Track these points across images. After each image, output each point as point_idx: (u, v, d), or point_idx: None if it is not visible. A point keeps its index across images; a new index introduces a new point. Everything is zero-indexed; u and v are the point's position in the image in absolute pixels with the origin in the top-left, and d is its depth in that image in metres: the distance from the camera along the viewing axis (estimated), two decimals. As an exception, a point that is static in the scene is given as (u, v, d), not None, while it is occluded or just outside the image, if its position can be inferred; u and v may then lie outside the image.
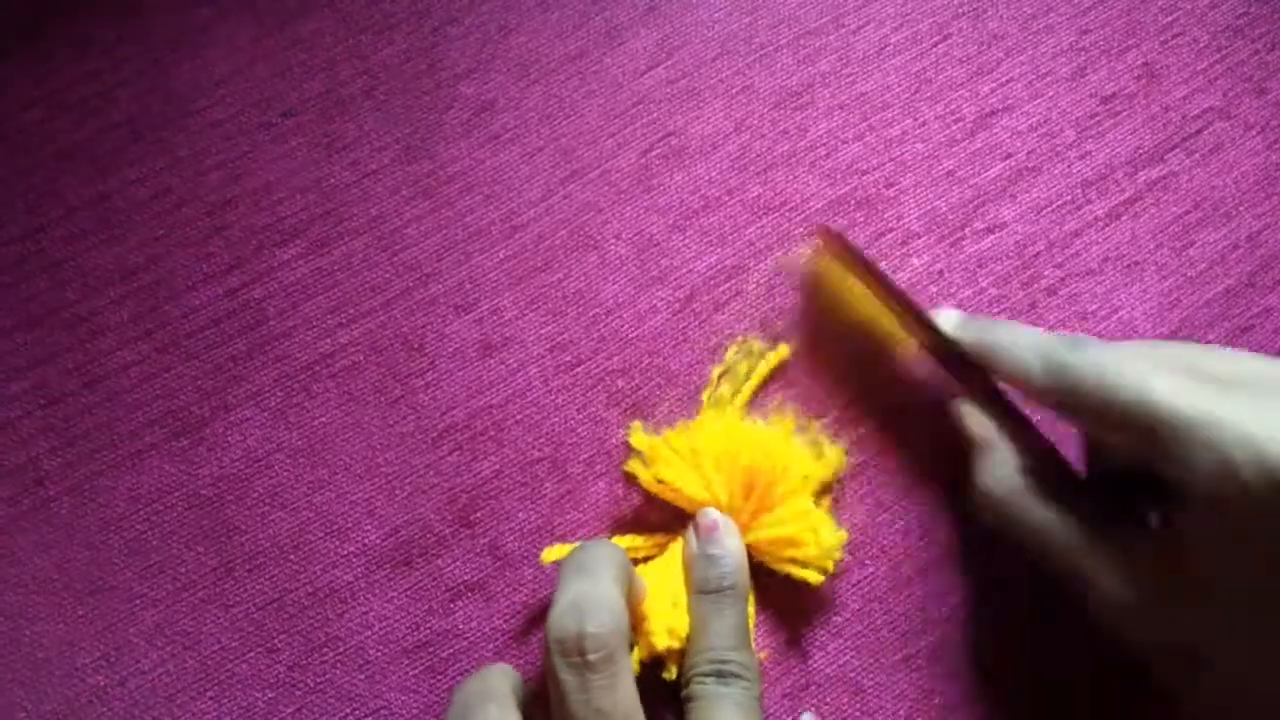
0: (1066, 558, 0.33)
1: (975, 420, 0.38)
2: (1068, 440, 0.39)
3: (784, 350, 0.43)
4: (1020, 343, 0.36)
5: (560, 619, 0.31)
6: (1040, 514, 0.34)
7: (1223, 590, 0.30)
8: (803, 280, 0.44)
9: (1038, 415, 0.39)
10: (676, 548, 0.39)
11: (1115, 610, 0.32)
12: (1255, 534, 0.28)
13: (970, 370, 0.38)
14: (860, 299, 0.42)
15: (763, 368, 0.42)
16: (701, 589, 0.36)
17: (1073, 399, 0.33)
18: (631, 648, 0.34)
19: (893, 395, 0.42)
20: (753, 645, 0.37)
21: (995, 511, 0.36)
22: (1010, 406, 0.38)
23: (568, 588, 0.33)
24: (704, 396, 0.42)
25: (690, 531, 0.38)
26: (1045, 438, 0.37)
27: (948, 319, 0.39)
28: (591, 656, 0.31)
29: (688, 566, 0.38)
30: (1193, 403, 0.29)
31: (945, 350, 0.39)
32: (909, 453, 0.42)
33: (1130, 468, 0.34)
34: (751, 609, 0.39)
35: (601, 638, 0.31)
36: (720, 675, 0.34)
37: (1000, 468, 0.36)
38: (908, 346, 0.42)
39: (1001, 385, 0.38)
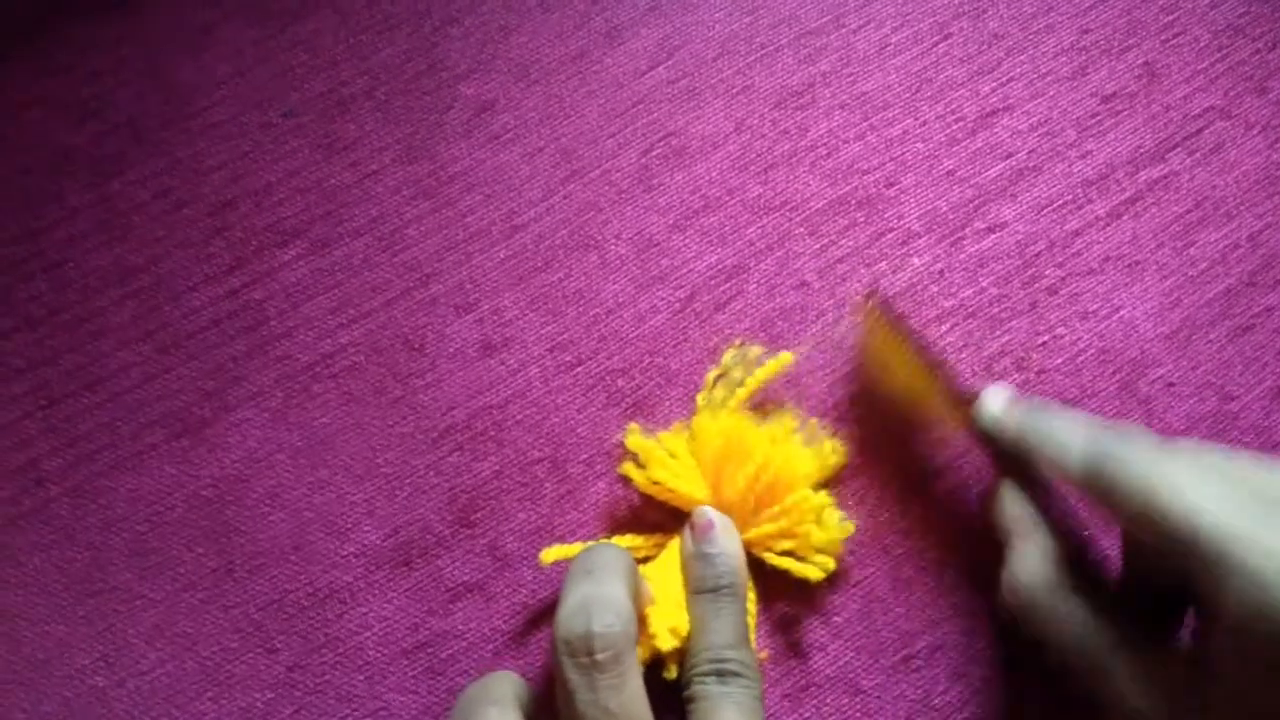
0: (1090, 661, 0.32)
1: (1013, 507, 0.37)
2: (1110, 532, 0.38)
3: (786, 357, 0.42)
4: (1064, 434, 0.34)
5: (568, 619, 0.31)
6: (1068, 613, 0.33)
7: (1246, 713, 0.29)
8: (853, 344, 0.43)
9: (1080, 503, 0.38)
10: (676, 547, 0.39)
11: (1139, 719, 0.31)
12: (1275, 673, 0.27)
13: (1011, 455, 0.37)
14: (906, 372, 0.41)
15: (760, 373, 0.41)
16: (698, 588, 0.36)
17: (1111, 499, 0.32)
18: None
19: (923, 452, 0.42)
20: (753, 644, 0.37)
21: (1023, 605, 0.35)
22: (1051, 495, 0.37)
23: (575, 589, 0.33)
24: (699, 399, 0.42)
25: (686, 531, 0.38)
26: (1084, 531, 0.37)
27: (995, 398, 0.38)
28: (599, 656, 0.30)
29: (685, 566, 0.38)
30: (1233, 523, 0.28)
31: (986, 434, 0.38)
32: (909, 452, 0.42)
33: (1168, 571, 0.33)
34: (753, 609, 0.39)
35: (609, 638, 0.31)
36: (720, 674, 0.34)
37: (1032, 560, 0.35)
38: (950, 424, 0.40)
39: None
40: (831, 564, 0.38)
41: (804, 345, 0.43)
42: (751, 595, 0.39)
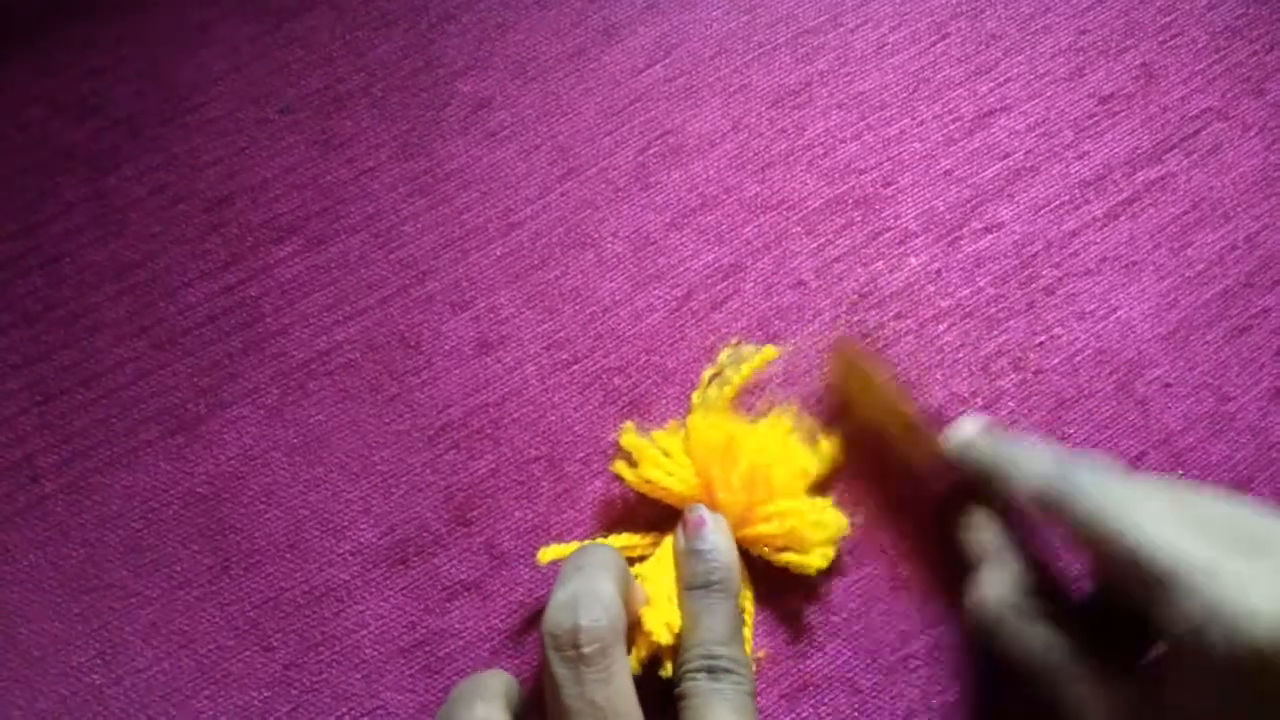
0: (1050, 683, 0.33)
1: (981, 531, 0.38)
2: (1078, 557, 0.39)
3: (771, 351, 0.42)
4: (1029, 461, 0.36)
5: (555, 613, 0.32)
6: (1033, 636, 0.34)
7: None
8: (827, 378, 0.43)
9: (1048, 531, 0.39)
10: (671, 545, 0.39)
11: None
12: (1229, 693, 0.28)
13: (981, 482, 0.38)
14: (876, 404, 0.41)
15: (746, 369, 0.42)
16: (690, 585, 0.37)
17: (1073, 524, 0.33)
18: (630, 650, 0.34)
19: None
20: (748, 642, 0.37)
21: (990, 627, 0.36)
22: (1019, 523, 0.38)
23: (564, 585, 0.33)
24: (694, 398, 0.42)
25: (679, 529, 0.38)
26: (1052, 555, 0.37)
27: (966, 426, 0.39)
28: (586, 650, 0.31)
29: (677, 563, 0.38)
30: (1187, 551, 0.29)
31: (956, 463, 0.39)
32: (871, 512, 0.42)
33: (1130, 596, 0.34)
34: (749, 608, 0.39)
35: (595, 631, 0.31)
36: (711, 671, 0.34)
37: (998, 583, 0.36)
38: (921, 455, 0.40)
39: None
40: (830, 555, 0.38)
41: (789, 345, 0.43)
42: (748, 594, 0.39)
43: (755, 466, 0.38)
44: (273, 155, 0.47)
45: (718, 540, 0.37)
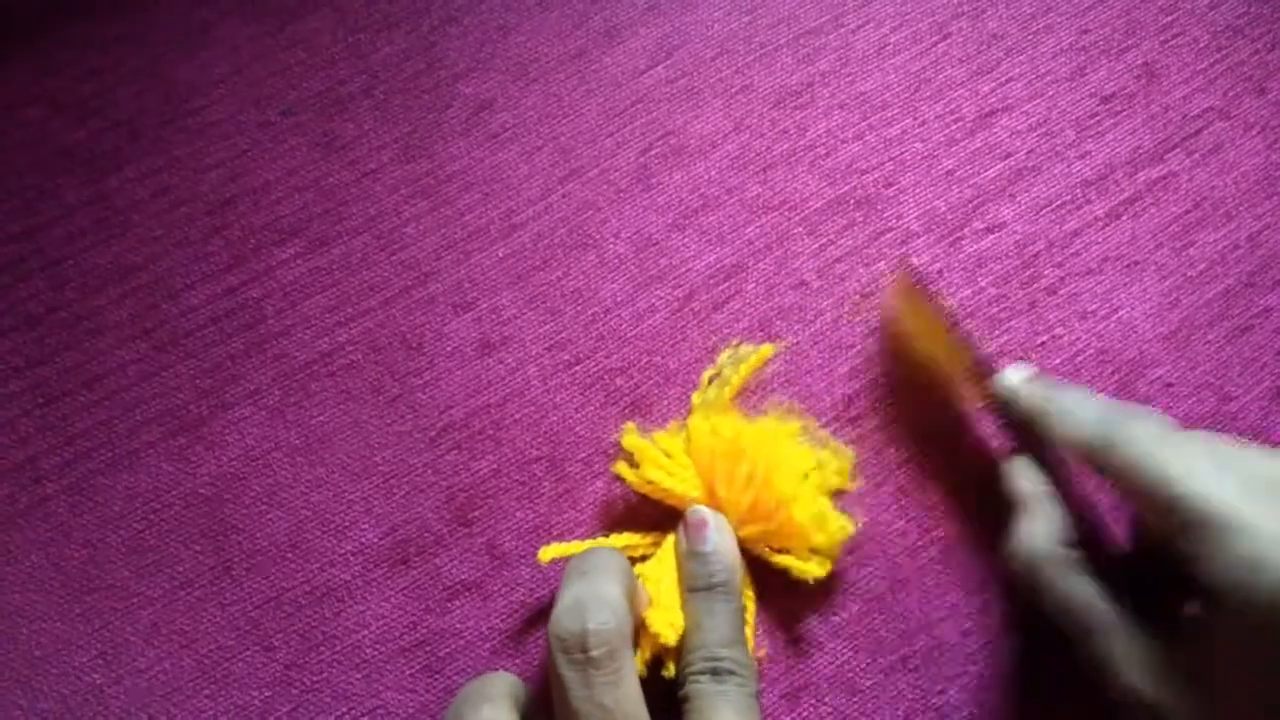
0: (1088, 637, 0.33)
1: (1024, 479, 0.38)
2: (1121, 512, 0.38)
3: (768, 349, 0.42)
4: (1078, 408, 0.35)
5: (562, 617, 0.32)
6: (1072, 586, 0.34)
7: (1243, 695, 0.29)
8: (880, 314, 0.44)
9: (1093, 482, 0.39)
10: (673, 545, 0.39)
11: (1135, 696, 0.32)
12: (1272, 644, 0.28)
13: (1026, 429, 0.38)
14: (932, 342, 0.41)
15: (744, 368, 0.42)
16: (693, 587, 0.36)
17: (1119, 475, 0.33)
18: (634, 652, 0.34)
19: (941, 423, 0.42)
20: (750, 643, 0.37)
21: (1027, 576, 0.35)
22: (1064, 472, 0.37)
23: (570, 588, 0.33)
24: (694, 398, 0.42)
25: (681, 530, 0.38)
26: (1094, 507, 0.37)
27: (1014, 373, 0.38)
28: (594, 653, 0.31)
29: (679, 565, 0.38)
30: (1230, 504, 0.29)
31: (1003, 407, 0.39)
32: (909, 452, 0.42)
33: (1174, 551, 0.33)
34: (751, 608, 0.39)
35: (604, 634, 0.31)
36: (715, 673, 0.34)
37: (1040, 532, 0.35)
38: (970, 397, 0.41)
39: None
40: (829, 564, 0.38)
41: (786, 341, 0.43)
42: (749, 594, 0.39)
43: (756, 466, 0.38)
44: (275, 157, 0.47)
45: (720, 542, 0.37)
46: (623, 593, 0.33)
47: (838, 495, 0.41)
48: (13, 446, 0.43)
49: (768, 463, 0.39)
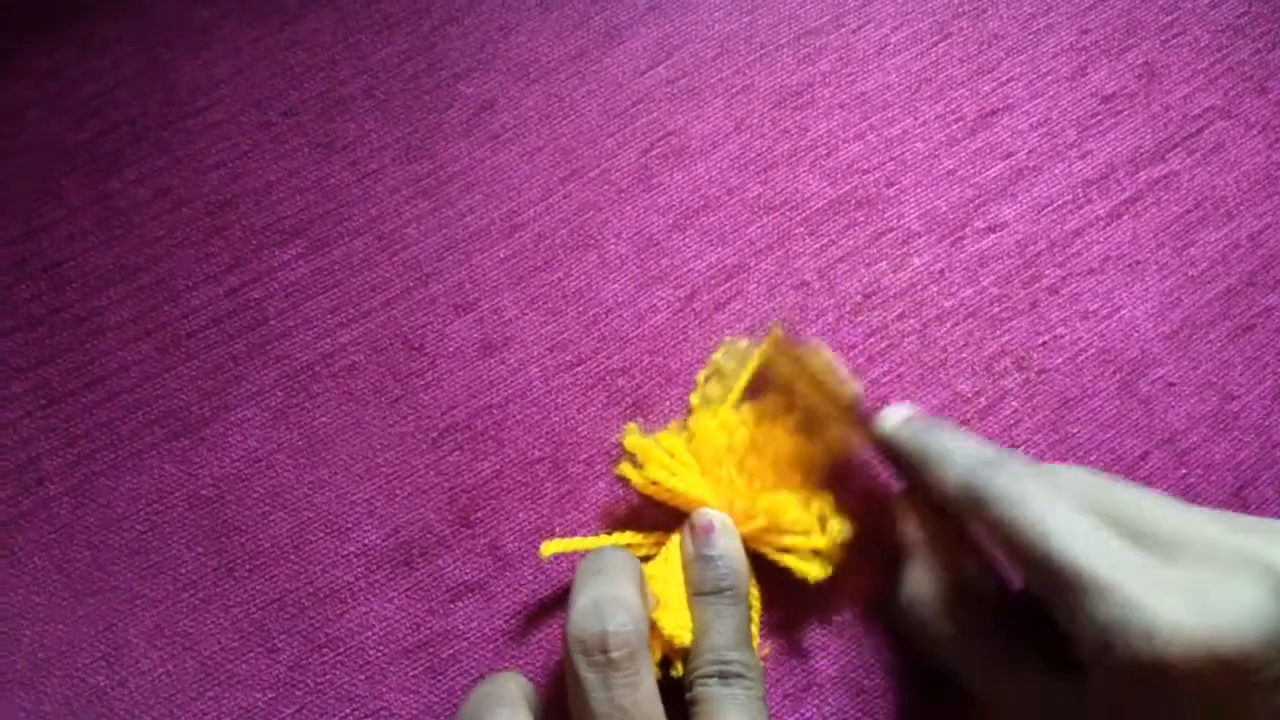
0: (969, 679, 0.34)
1: (909, 524, 0.38)
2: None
3: (775, 331, 0.42)
4: (947, 456, 0.35)
5: (581, 619, 0.32)
6: (950, 632, 0.34)
7: None
8: (759, 369, 0.43)
9: None
10: (677, 545, 0.39)
11: None
12: (1144, 695, 0.28)
13: (910, 470, 0.38)
14: (809, 389, 0.41)
15: (749, 367, 0.42)
16: (700, 590, 0.36)
17: (984, 525, 0.33)
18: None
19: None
20: (756, 644, 0.37)
21: (908, 622, 0.36)
22: (945, 513, 0.37)
23: (585, 590, 0.33)
24: (692, 399, 0.42)
25: (686, 533, 0.38)
26: (980, 549, 0.37)
27: (893, 414, 0.38)
28: (615, 655, 0.31)
29: (685, 569, 0.38)
30: (1097, 565, 0.29)
31: (884, 449, 0.39)
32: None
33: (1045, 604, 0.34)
34: (757, 608, 0.39)
35: (623, 636, 0.31)
36: (722, 676, 0.34)
37: (920, 579, 0.36)
38: (857, 440, 0.40)
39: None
40: (830, 566, 0.38)
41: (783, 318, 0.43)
42: (755, 594, 0.39)
43: (756, 464, 0.38)
44: (276, 158, 0.47)
45: (727, 545, 0.37)
46: (638, 593, 0.33)
47: (836, 492, 0.41)
48: (15, 448, 0.43)
49: (767, 463, 0.39)
